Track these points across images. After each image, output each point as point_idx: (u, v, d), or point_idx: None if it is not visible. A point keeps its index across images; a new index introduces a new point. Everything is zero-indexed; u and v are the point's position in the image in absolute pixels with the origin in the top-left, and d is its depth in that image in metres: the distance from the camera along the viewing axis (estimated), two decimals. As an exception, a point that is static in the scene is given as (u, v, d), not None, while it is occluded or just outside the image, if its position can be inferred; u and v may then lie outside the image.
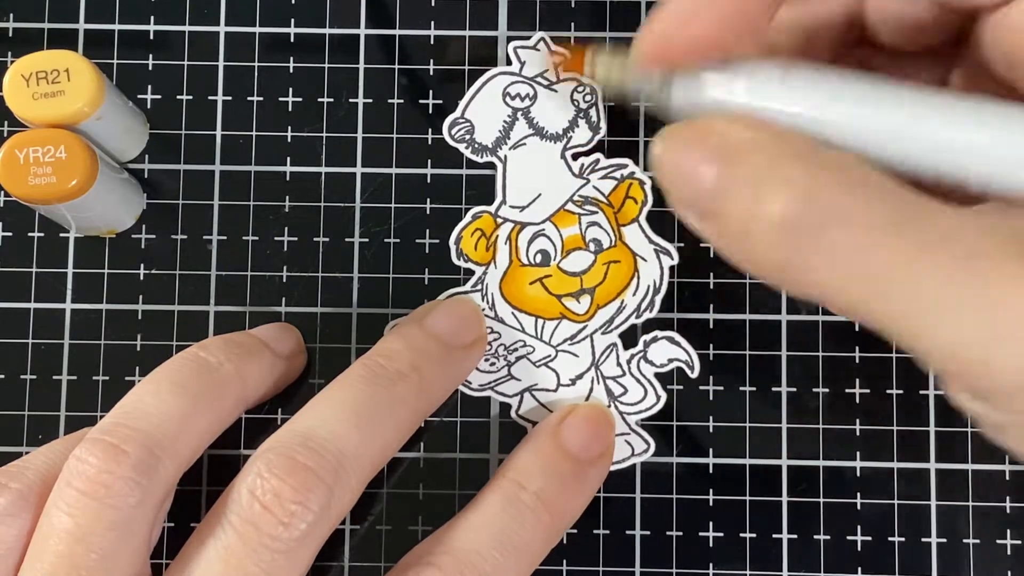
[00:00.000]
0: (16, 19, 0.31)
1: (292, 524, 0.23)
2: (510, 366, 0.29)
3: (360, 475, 0.24)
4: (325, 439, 0.24)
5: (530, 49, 0.30)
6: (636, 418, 0.29)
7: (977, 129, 0.17)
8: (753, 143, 0.19)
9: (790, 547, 0.29)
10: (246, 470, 0.24)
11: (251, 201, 0.30)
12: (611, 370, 0.29)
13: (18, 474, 0.24)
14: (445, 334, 0.28)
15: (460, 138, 0.30)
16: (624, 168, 0.30)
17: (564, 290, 0.29)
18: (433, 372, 0.27)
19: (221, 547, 0.23)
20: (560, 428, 0.28)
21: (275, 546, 0.22)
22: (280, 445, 0.24)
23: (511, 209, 0.30)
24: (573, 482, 0.27)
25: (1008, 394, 0.18)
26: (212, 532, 0.23)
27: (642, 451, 0.29)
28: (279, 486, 0.23)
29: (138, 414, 0.24)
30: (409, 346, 0.27)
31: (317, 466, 0.23)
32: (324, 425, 0.24)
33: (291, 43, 0.31)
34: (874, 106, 0.18)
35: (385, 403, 0.25)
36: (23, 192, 0.27)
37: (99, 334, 0.30)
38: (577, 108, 0.30)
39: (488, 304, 0.30)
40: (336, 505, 0.23)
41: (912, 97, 0.18)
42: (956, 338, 0.18)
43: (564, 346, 0.30)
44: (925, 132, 0.17)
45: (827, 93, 0.19)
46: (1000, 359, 0.18)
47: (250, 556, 0.22)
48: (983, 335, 0.18)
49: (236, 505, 0.23)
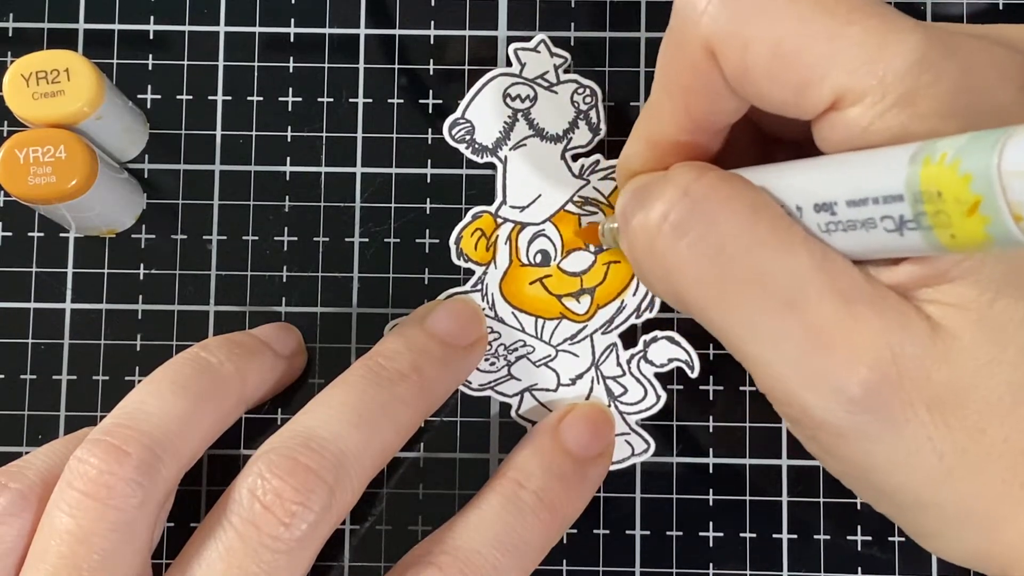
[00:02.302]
0: (16, 19, 0.31)
1: (293, 524, 0.23)
2: (510, 366, 0.30)
3: (361, 475, 0.24)
4: (326, 439, 0.24)
5: (531, 51, 0.30)
6: (636, 418, 0.29)
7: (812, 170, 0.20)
8: (662, 176, 0.22)
9: (790, 547, 0.29)
10: (247, 470, 0.24)
11: (251, 201, 0.30)
12: (611, 370, 0.29)
13: (18, 474, 0.24)
14: (446, 334, 0.28)
15: (460, 138, 0.30)
16: None
17: (564, 290, 0.29)
18: (434, 372, 0.27)
19: (222, 547, 0.23)
20: (560, 427, 0.28)
21: (276, 546, 0.22)
22: (281, 445, 0.24)
23: (511, 209, 0.30)
24: (573, 481, 0.27)
25: (813, 430, 0.20)
26: (213, 532, 0.23)
27: (642, 451, 0.29)
28: (280, 486, 0.23)
29: (139, 415, 0.24)
30: (409, 346, 0.27)
31: (318, 466, 0.23)
32: (325, 425, 0.24)
33: (291, 43, 0.31)
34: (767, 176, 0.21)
35: (386, 403, 0.25)
36: (23, 192, 0.27)
37: (99, 334, 0.30)
38: (577, 110, 0.30)
39: (488, 304, 0.30)
40: (337, 505, 0.23)
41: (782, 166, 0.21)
42: (773, 371, 0.20)
43: (564, 346, 0.30)
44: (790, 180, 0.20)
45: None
46: (808, 399, 0.19)
47: (251, 556, 0.22)
48: (796, 373, 0.19)
49: (237, 505, 0.23)
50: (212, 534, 0.23)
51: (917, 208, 0.17)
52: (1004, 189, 0.15)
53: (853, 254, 0.19)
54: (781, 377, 0.19)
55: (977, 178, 0.15)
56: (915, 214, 0.17)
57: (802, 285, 0.19)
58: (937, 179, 0.16)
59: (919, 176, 0.16)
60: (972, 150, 0.16)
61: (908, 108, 0.18)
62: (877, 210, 0.18)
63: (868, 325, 0.19)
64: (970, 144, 0.16)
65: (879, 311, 0.19)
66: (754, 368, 0.20)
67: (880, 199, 0.17)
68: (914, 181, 0.17)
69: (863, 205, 0.18)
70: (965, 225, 0.16)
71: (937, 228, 0.17)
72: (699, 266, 0.20)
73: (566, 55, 0.30)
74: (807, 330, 0.19)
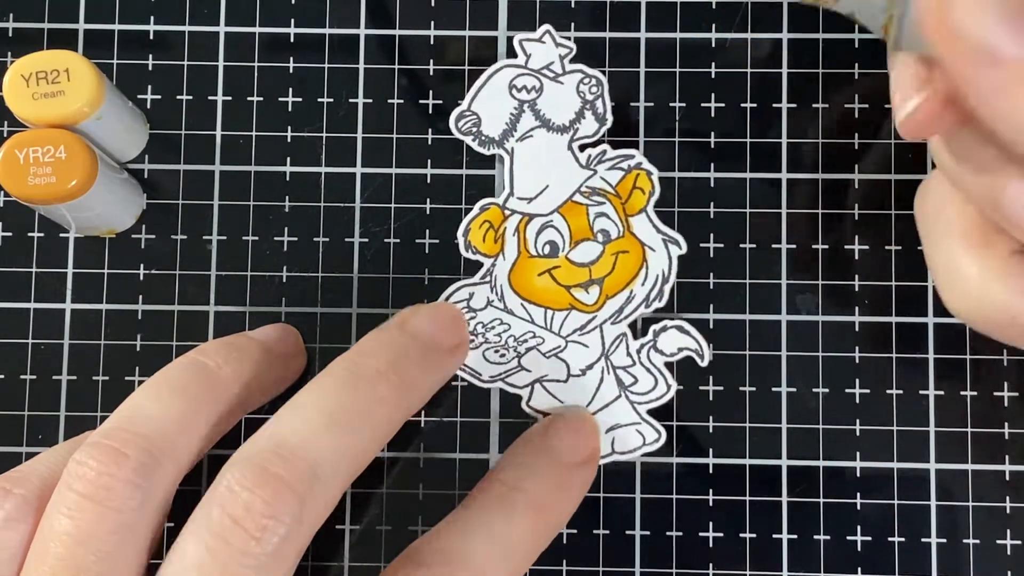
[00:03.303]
0: (16, 19, 0.31)
1: (264, 539, 0.22)
2: (520, 357, 0.30)
3: (336, 481, 0.23)
4: (297, 446, 0.23)
5: (536, 41, 0.30)
6: (646, 407, 0.29)
7: None
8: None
9: (790, 547, 0.29)
10: (217, 481, 0.23)
11: (251, 201, 0.30)
12: (621, 360, 0.29)
13: (22, 479, 0.24)
14: (425, 336, 0.27)
15: (467, 131, 0.30)
16: (631, 159, 0.30)
17: (573, 281, 0.30)
18: (412, 373, 0.26)
19: (194, 566, 0.22)
20: (547, 433, 0.28)
21: (247, 562, 0.22)
22: (251, 455, 0.23)
23: (519, 201, 0.30)
24: (561, 484, 0.27)
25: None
26: (185, 548, 0.22)
27: (653, 440, 0.29)
28: (250, 499, 0.22)
29: (139, 418, 0.24)
30: (387, 346, 0.26)
31: (289, 476, 0.22)
32: (296, 432, 0.23)
33: (291, 43, 0.31)
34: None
35: (362, 404, 0.24)
36: (23, 192, 0.27)
37: (99, 334, 0.30)
38: (583, 100, 0.30)
39: (497, 296, 0.30)
40: (310, 515, 0.23)
41: None
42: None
43: (574, 336, 0.30)
44: None
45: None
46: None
47: (222, 573, 0.22)
48: None
49: (206, 520, 0.22)
50: (184, 550, 0.22)
51: None
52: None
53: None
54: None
55: None
56: None
57: None
58: None
59: None
60: None
61: None
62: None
63: None
64: None
65: None
66: None
67: None
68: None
69: None
70: None
71: None
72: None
73: (571, 45, 0.30)
74: None
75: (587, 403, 0.29)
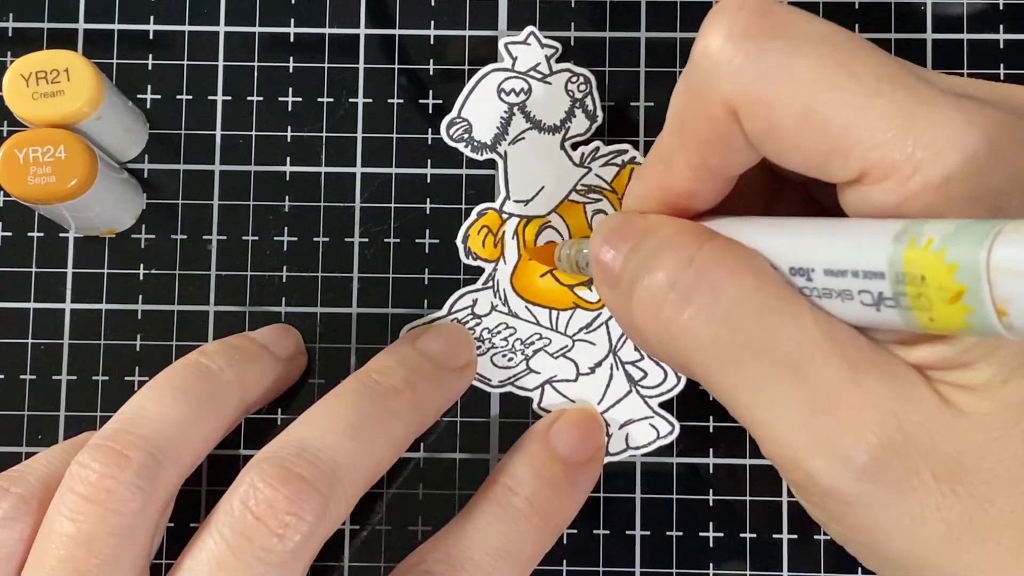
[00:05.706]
0: (16, 19, 0.31)
1: (286, 536, 0.22)
2: (528, 360, 0.30)
3: (354, 487, 0.24)
4: (320, 450, 0.23)
5: (521, 44, 0.30)
6: (658, 401, 0.29)
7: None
8: (656, 225, 0.21)
9: (790, 547, 0.29)
10: (239, 480, 0.23)
11: (251, 201, 0.30)
12: (629, 355, 0.29)
13: (19, 479, 0.24)
14: (437, 355, 0.28)
15: (459, 138, 0.30)
16: (625, 154, 0.30)
17: (576, 279, 0.30)
18: (426, 389, 0.27)
19: (214, 561, 0.22)
20: (550, 433, 0.28)
21: (268, 559, 0.22)
22: (274, 455, 0.23)
23: (515, 204, 0.30)
24: (564, 486, 0.27)
25: (819, 496, 0.19)
26: (205, 545, 0.23)
27: (667, 433, 0.29)
28: (273, 496, 0.22)
29: (140, 420, 0.24)
30: (402, 363, 0.27)
31: (312, 476, 0.23)
32: (319, 436, 0.24)
33: (291, 43, 0.31)
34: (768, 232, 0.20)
35: (379, 417, 0.25)
36: (23, 192, 0.27)
37: (99, 334, 0.30)
38: (572, 98, 0.30)
39: (501, 300, 0.30)
40: (330, 516, 0.23)
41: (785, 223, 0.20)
42: (779, 436, 0.19)
43: (580, 335, 0.30)
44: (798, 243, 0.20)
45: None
46: (814, 465, 0.19)
47: (243, 570, 0.22)
48: (802, 439, 0.19)
49: (228, 517, 0.23)
50: (204, 547, 0.23)
51: (898, 288, 0.16)
52: (991, 284, 0.15)
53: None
54: (787, 443, 0.19)
55: (963, 269, 0.15)
56: (895, 293, 0.17)
57: (808, 351, 0.19)
58: (921, 263, 0.16)
59: (903, 257, 0.16)
60: (960, 239, 0.15)
61: (939, 190, 0.17)
62: (855, 283, 0.17)
63: (874, 392, 0.18)
64: (958, 233, 0.15)
65: (886, 379, 0.19)
66: (760, 433, 0.20)
67: (860, 273, 0.17)
68: (897, 262, 0.16)
69: (842, 276, 0.18)
70: (946, 311, 0.16)
71: (916, 310, 0.16)
72: (705, 332, 0.19)
73: (557, 45, 0.30)
74: (813, 395, 0.19)
75: (598, 401, 0.29)
